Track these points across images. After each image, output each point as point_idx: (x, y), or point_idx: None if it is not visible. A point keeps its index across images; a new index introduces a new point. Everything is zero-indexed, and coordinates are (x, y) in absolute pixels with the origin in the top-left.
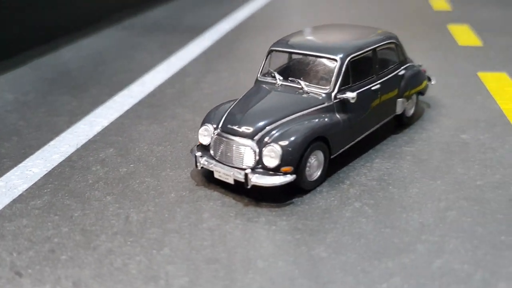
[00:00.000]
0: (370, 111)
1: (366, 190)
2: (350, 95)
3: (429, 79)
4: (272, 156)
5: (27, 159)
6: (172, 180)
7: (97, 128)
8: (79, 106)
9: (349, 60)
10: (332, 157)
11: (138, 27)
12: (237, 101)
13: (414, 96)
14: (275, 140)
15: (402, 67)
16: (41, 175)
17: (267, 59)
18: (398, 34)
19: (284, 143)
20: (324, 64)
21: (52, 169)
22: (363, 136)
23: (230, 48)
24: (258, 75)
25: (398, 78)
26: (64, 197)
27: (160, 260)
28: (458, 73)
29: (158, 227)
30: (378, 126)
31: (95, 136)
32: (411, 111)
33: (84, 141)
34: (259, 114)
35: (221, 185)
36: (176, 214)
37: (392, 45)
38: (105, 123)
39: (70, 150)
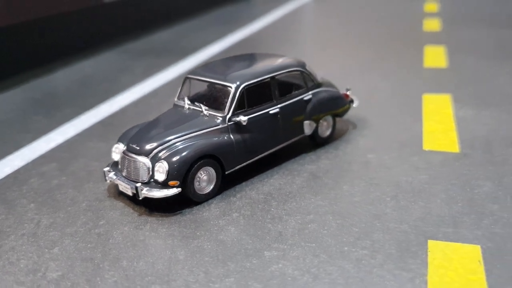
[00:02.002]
0: (270, 133)
1: (250, 203)
2: (242, 118)
3: (352, 102)
4: (160, 172)
5: None
6: (90, 191)
7: (52, 145)
8: (48, 125)
9: (243, 87)
10: (226, 173)
11: (135, 50)
12: (148, 122)
13: (330, 119)
14: (164, 157)
15: (310, 92)
16: None
17: (183, 85)
18: (375, 51)
19: (171, 160)
20: (222, 91)
21: None
22: (264, 154)
23: None
24: (175, 99)
25: (304, 102)
26: None
27: (47, 257)
28: (403, 94)
29: (58, 230)
30: (283, 145)
31: (47, 152)
32: (327, 132)
33: (35, 156)
34: (158, 134)
35: (128, 197)
36: (78, 220)
37: (298, 73)
38: (61, 140)
39: (21, 164)
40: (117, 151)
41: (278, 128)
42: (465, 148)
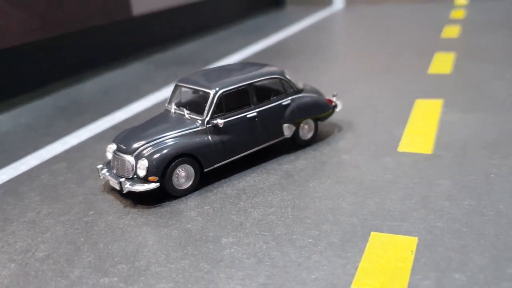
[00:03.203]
0: (248, 135)
1: (223, 197)
2: (219, 121)
3: (336, 107)
4: (141, 168)
5: (1, 169)
6: (88, 187)
7: (66, 146)
8: (66, 129)
9: (221, 93)
10: (205, 171)
11: (160, 61)
12: (139, 124)
13: (311, 122)
14: (145, 155)
15: (289, 98)
16: (3, 180)
17: (173, 92)
18: (387, 58)
19: (151, 157)
20: (203, 96)
21: (14, 176)
22: (242, 154)
23: None
24: (166, 104)
25: (283, 107)
26: (5, 195)
27: (39, 240)
28: (398, 99)
29: (54, 219)
30: (263, 146)
31: (60, 153)
32: (309, 135)
33: (49, 157)
34: (144, 135)
35: (118, 191)
36: (72, 211)
37: (276, 80)
38: (75, 142)
39: (36, 163)
40: (110, 150)
41: (256, 130)
42: (438, 150)
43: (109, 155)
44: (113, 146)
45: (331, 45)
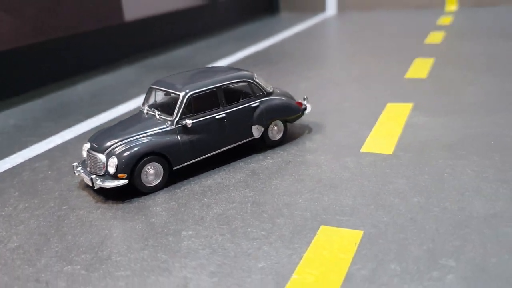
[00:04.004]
0: (216, 135)
1: (190, 194)
2: (188, 121)
3: (305, 110)
4: (111, 166)
5: None
6: (65, 183)
7: (50, 146)
8: (52, 130)
9: (190, 95)
10: (174, 169)
11: (151, 66)
12: (113, 125)
13: (281, 124)
14: (115, 154)
15: (258, 100)
16: None
17: (147, 94)
18: (369, 63)
19: (120, 156)
20: (174, 98)
21: None
22: (212, 153)
23: None
24: (140, 106)
25: (251, 109)
26: None
27: (13, 232)
28: (370, 103)
29: (29, 213)
30: (232, 146)
31: (44, 152)
32: (278, 136)
33: (33, 155)
34: (115, 134)
35: (92, 188)
36: (47, 205)
37: (245, 83)
38: (59, 142)
39: (20, 161)
40: (85, 149)
41: (225, 131)
42: (398, 151)
43: (84, 154)
44: (87, 145)
45: (317, 50)
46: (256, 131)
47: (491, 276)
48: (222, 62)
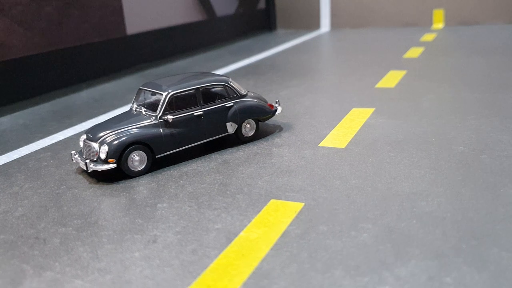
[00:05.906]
0: (194, 129)
1: (168, 177)
2: (169, 117)
3: (276, 111)
4: (102, 152)
5: None
6: (65, 169)
7: (54, 141)
8: (57, 128)
9: (172, 95)
10: (157, 157)
11: (151, 75)
12: (106, 119)
13: (253, 122)
14: (106, 142)
15: (232, 101)
16: None
17: (136, 94)
18: (346, 75)
19: (110, 144)
20: (158, 97)
21: (6, 162)
22: (190, 145)
23: None
24: (130, 104)
25: (226, 108)
26: None
27: (18, 204)
28: (337, 108)
29: (33, 191)
30: (208, 140)
31: (47, 146)
32: (250, 133)
33: (38, 148)
34: (107, 127)
35: (88, 173)
36: (48, 185)
37: (221, 86)
38: (61, 137)
39: (26, 153)
40: (82, 139)
41: (202, 126)
42: (350, 145)
43: (81, 143)
44: (84, 136)
45: (304, 63)
46: (230, 127)
47: (397, 234)
48: (217, 72)
